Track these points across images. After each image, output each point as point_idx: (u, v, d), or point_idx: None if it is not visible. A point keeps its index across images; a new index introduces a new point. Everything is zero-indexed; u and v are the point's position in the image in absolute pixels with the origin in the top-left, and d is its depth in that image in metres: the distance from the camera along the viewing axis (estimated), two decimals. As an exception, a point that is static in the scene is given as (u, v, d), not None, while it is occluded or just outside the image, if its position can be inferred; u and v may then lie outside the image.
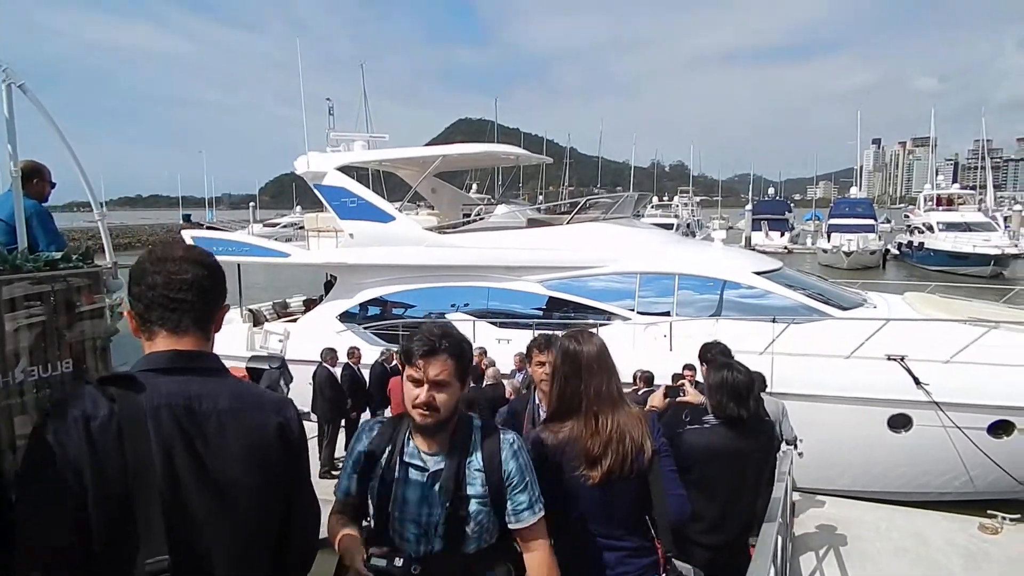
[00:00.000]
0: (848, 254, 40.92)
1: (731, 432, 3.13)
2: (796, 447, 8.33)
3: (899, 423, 9.47)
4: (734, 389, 3.10)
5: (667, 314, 11.52)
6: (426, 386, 2.03)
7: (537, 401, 3.58)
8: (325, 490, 2.05)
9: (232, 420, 1.55)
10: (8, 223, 3.83)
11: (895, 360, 9.34)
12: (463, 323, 12.43)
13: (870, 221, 46.72)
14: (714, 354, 4.90)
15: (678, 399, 3.97)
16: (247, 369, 8.69)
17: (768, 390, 8.90)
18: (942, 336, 9.64)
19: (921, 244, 42.37)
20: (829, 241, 44.95)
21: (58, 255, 3.77)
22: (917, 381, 9.17)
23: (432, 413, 2.03)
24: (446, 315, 12.83)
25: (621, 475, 2.32)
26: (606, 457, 2.32)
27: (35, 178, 4.22)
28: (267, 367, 8.47)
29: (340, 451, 10.33)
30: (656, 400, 3.50)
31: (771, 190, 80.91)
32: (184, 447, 1.47)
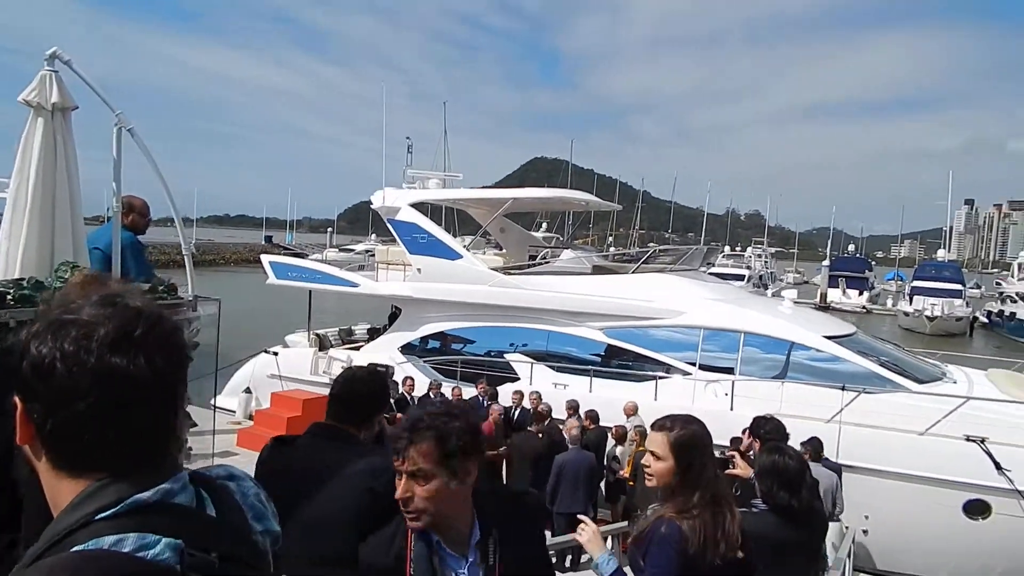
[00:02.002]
0: (931, 319, 38.67)
1: (779, 521, 2.99)
2: (839, 520, 7.92)
3: (977, 510, 8.84)
4: (785, 476, 2.97)
5: (730, 371, 11.22)
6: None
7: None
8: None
9: None
10: (105, 252, 4.14)
11: (975, 442, 8.77)
12: (522, 364, 12.48)
13: (957, 286, 44.13)
14: (768, 431, 4.70)
15: (727, 472, 3.84)
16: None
17: (835, 459, 8.57)
18: (1029, 420, 9.02)
19: (1013, 314, 39.81)
20: (911, 304, 42.52)
21: (146, 286, 4.05)
22: (998, 466, 8.55)
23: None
24: (505, 355, 12.89)
25: (733, 558, 2.33)
26: (724, 543, 2.33)
27: (131, 213, 4.55)
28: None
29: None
30: None
31: (851, 246, 78.04)
32: None
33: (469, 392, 11.40)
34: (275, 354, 14.18)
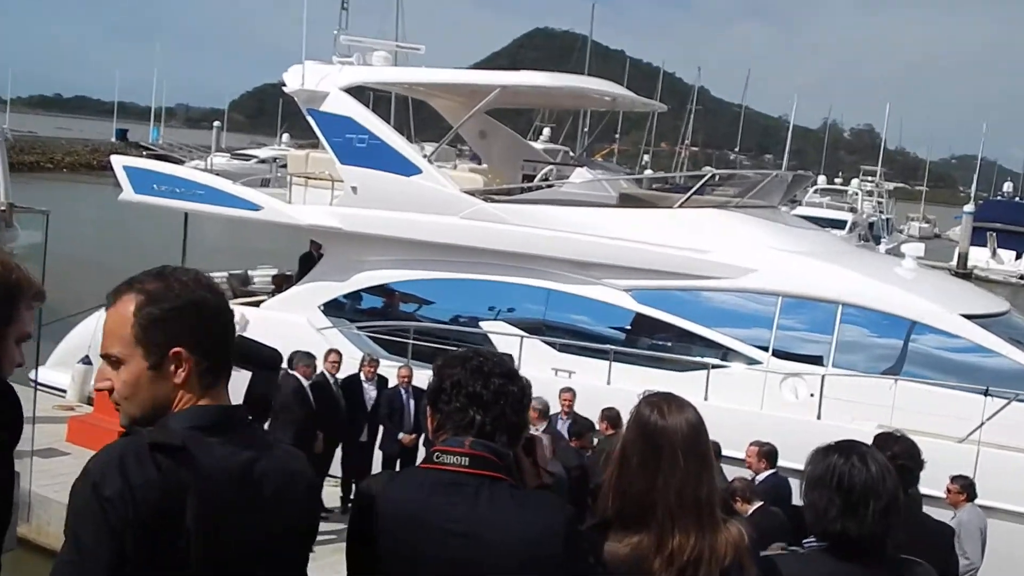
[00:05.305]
0: (1123, 299, 39.29)
1: (839, 564, 2.98)
2: None
3: None
4: (847, 491, 2.94)
5: (819, 361, 11.38)
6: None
7: None
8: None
9: None
10: None
11: None
12: (506, 338, 12.48)
13: None
14: (896, 455, 4.77)
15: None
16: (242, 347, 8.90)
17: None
18: None
19: None
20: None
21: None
22: None
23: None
24: (482, 323, 12.94)
25: None
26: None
27: None
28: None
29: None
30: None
31: (1008, 185, 78.31)
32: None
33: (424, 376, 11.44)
34: (130, 308, 14.11)
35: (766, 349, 11.60)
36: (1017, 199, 69.77)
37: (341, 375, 11.55)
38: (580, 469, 8.70)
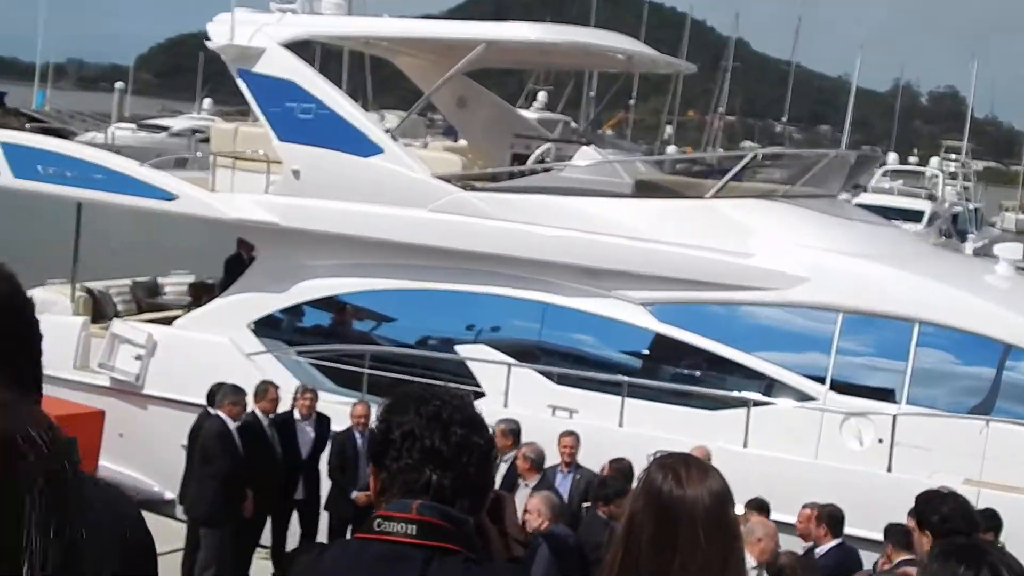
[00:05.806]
0: None
1: None
2: None
3: None
4: None
5: (890, 396, 11.40)
6: None
7: None
8: None
9: None
10: None
11: None
12: (490, 367, 12.53)
13: None
14: (944, 517, 4.80)
15: None
16: None
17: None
18: None
19: None
20: None
21: None
22: None
23: None
24: (457, 345, 12.93)
25: None
26: None
27: None
28: None
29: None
30: None
31: None
32: None
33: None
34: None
35: (822, 381, 11.62)
36: None
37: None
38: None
